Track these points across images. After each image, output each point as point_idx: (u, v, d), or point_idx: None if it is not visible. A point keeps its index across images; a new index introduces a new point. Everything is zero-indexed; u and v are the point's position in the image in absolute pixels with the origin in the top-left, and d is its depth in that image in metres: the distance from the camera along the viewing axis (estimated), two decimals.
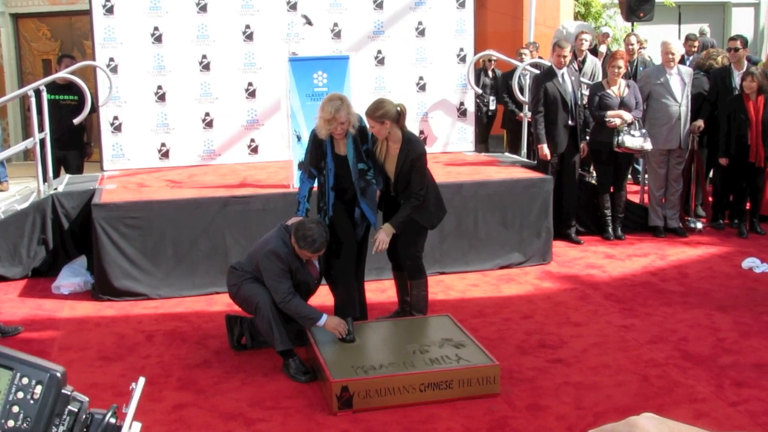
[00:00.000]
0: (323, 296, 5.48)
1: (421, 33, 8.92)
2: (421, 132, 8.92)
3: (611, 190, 8.20)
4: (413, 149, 5.34)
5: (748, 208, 8.36)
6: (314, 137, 5.31)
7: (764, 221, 8.44)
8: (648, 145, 7.86)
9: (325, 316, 4.94)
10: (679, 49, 8.30)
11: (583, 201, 8.27)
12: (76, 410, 1.19)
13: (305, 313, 4.92)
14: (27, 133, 11.96)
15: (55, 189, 7.33)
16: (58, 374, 1.17)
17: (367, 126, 5.35)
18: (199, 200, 6.70)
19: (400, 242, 5.50)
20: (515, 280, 6.92)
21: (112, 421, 1.21)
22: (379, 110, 5.21)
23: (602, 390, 4.66)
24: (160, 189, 7.21)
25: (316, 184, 5.48)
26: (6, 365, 1.16)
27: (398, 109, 5.29)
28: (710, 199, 8.71)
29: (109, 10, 8.17)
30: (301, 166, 5.92)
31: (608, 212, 8.19)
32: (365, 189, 5.35)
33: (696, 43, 10.16)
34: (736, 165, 8.10)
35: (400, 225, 5.34)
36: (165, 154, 8.50)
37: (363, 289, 5.66)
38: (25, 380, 1.15)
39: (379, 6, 8.78)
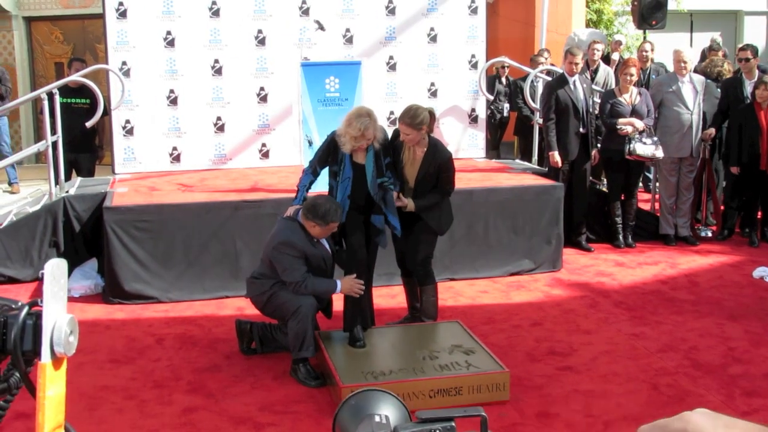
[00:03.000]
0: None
1: (433, 39, 8.93)
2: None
3: (622, 197, 8.18)
4: (441, 153, 5.39)
5: (759, 217, 8.33)
6: (332, 141, 5.23)
7: None
8: (659, 153, 7.84)
9: (339, 281, 5.00)
10: (691, 57, 8.27)
11: (593, 208, 8.26)
12: None
13: (323, 287, 4.98)
14: (39, 136, 12.03)
15: (67, 192, 7.35)
16: None
17: (389, 136, 5.33)
18: (210, 204, 6.71)
19: (410, 247, 5.51)
20: (525, 287, 6.91)
21: (30, 322, 1.19)
22: (417, 117, 5.19)
23: (612, 398, 4.64)
24: (171, 192, 7.23)
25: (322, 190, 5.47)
26: None
27: (430, 112, 5.31)
28: (721, 207, 8.67)
29: (122, 14, 8.21)
30: None
31: (619, 220, 8.17)
32: (384, 196, 5.29)
33: (720, 53, 10.02)
34: (748, 174, 8.08)
35: (422, 207, 5.38)
36: (176, 158, 8.52)
37: (371, 296, 5.65)
38: None
39: (392, 12, 8.80)
